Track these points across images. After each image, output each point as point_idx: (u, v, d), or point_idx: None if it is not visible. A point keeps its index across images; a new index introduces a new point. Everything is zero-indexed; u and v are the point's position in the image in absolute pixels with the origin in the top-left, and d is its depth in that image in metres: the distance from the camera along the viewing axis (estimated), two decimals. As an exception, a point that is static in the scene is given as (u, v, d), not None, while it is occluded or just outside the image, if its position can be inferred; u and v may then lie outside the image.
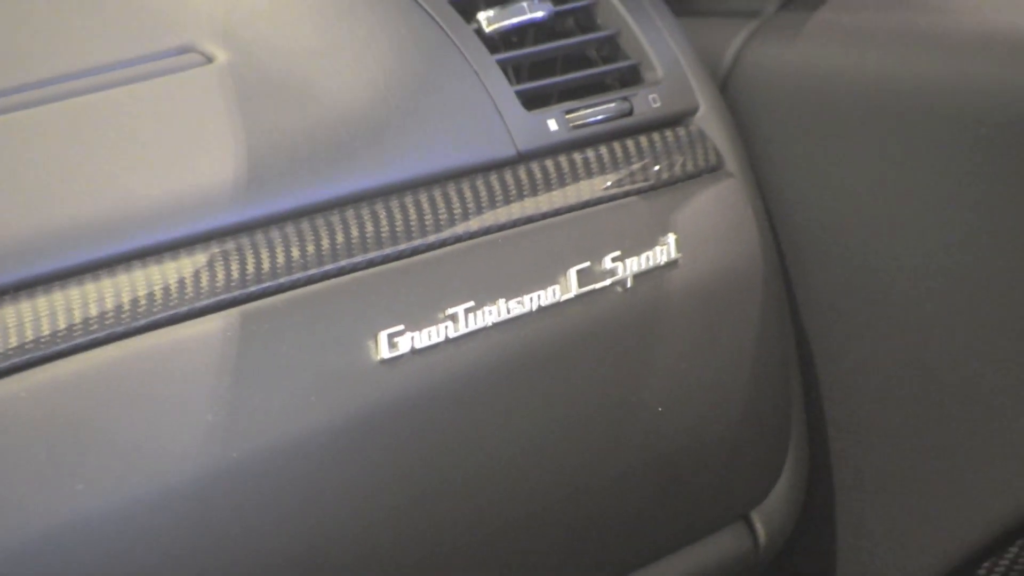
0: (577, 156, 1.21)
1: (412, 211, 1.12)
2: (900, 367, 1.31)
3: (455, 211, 1.14)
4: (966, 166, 1.25)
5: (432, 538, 1.11)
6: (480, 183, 1.16)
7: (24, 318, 0.98)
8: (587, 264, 1.17)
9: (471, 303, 1.11)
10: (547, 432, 1.16)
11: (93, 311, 1.00)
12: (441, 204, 1.13)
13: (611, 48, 1.27)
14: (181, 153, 1.07)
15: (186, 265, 1.03)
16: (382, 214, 1.11)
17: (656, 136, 1.25)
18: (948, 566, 1.31)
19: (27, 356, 0.97)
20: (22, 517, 0.96)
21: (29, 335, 0.98)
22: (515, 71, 1.23)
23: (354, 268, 1.09)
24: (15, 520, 0.95)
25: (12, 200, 1.00)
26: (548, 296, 1.15)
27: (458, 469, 1.12)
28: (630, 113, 1.24)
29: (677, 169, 1.24)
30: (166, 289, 1.02)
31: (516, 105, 1.19)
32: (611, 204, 1.20)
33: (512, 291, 1.14)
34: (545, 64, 1.25)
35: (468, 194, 1.15)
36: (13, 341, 0.97)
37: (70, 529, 0.97)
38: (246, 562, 1.04)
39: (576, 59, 1.27)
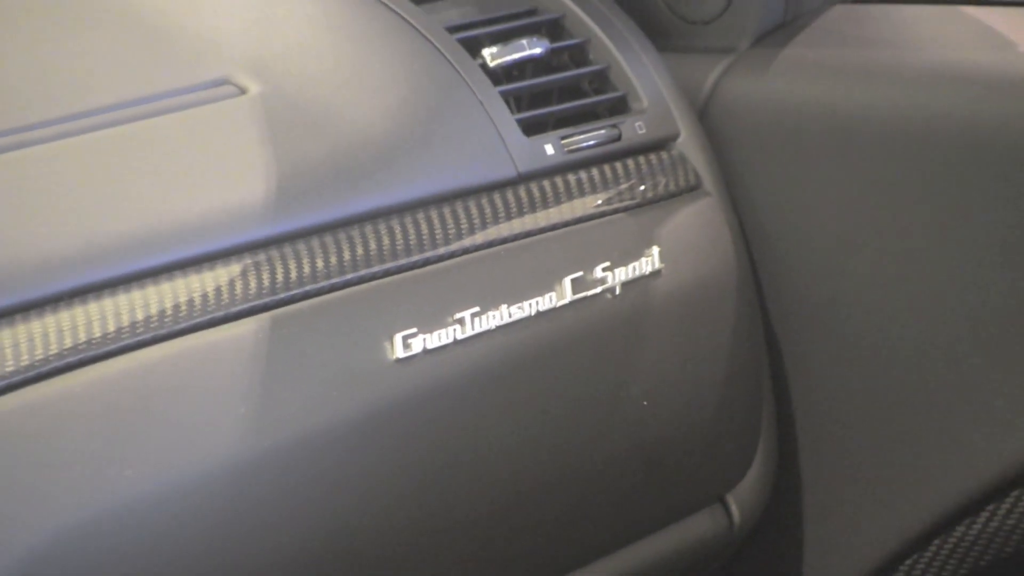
0: (571, 177, 1.21)
1: (424, 226, 1.12)
2: (858, 365, 1.31)
3: (462, 226, 1.14)
4: (917, 186, 1.26)
5: (442, 515, 1.12)
6: (485, 201, 1.16)
7: (78, 322, 0.98)
8: (580, 273, 1.17)
9: (477, 308, 1.12)
10: (544, 423, 1.17)
11: (139, 315, 1.00)
12: (450, 220, 1.14)
13: (602, 81, 1.28)
14: (218, 175, 1.07)
15: (222, 274, 1.04)
16: (397, 229, 1.11)
17: (642, 159, 1.25)
18: (903, 542, 1.32)
19: (81, 356, 0.98)
20: (78, 499, 0.97)
21: (82, 337, 0.98)
22: (516, 101, 1.23)
23: (372, 277, 1.09)
24: (72, 502, 0.96)
25: (66, 218, 1.00)
26: (545, 302, 1.15)
27: (464, 456, 1.13)
28: (618, 139, 1.24)
29: (660, 189, 1.25)
30: (204, 296, 1.03)
31: (517, 131, 1.20)
32: (601, 220, 1.21)
33: (513, 297, 1.14)
34: (542, 95, 1.26)
35: (474, 211, 1.15)
36: (68, 342, 0.98)
37: (120, 510, 0.98)
38: (277, 538, 1.04)
39: (570, 90, 1.27)
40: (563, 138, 1.22)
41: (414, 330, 1.09)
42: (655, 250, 1.21)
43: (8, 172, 1.02)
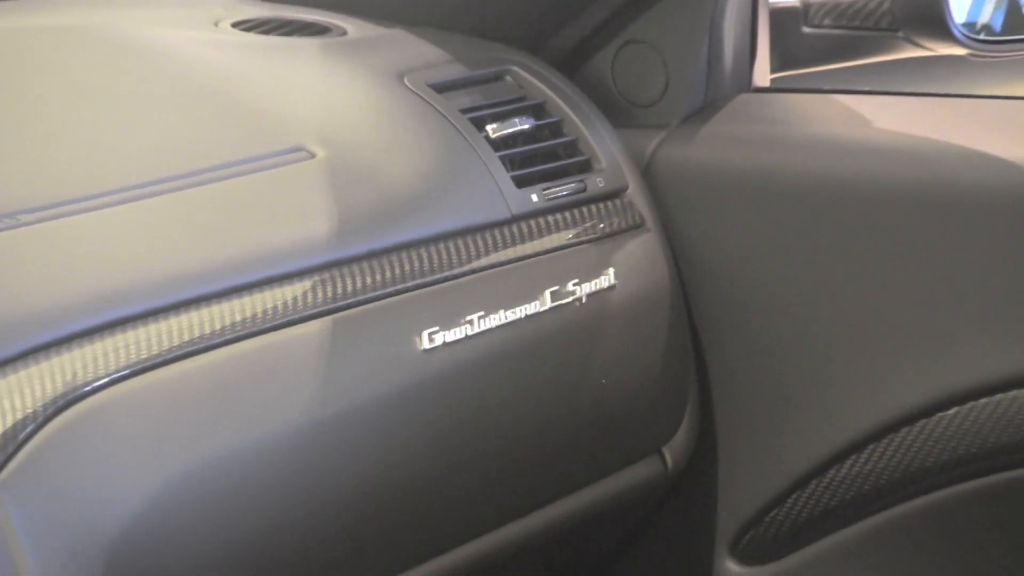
0: (550, 218, 1.23)
1: (444, 253, 1.14)
2: (758, 349, 1.34)
3: (471, 253, 1.16)
4: (799, 225, 1.30)
5: (453, 461, 1.15)
6: (487, 235, 1.18)
7: (193, 323, 1.01)
8: (557, 287, 1.19)
9: (482, 312, 1.14)
10: (529, 395, 1.19)
11: (237, 318, 1.03)
12: (462, 248, 1.16)
13: (572, 148, 1.30)
14: (294, 216, 1.10)
15: (297, 288, 1.06)
16: (424, 255, 1.13)
17: (601, 205, 1.27)
18: (791, 480, 1.34)
19: (194, 347, 1.01)
20: (192, 450, 1.00)
21: (196, 333, 1.00)
22: (510, 163, 1.25)
23: (406, 290, 1.11)
24: (189, 453, 0.99)
25: (179, 248, 1.03)
26: (532, 308, 1.17)
27: (471, 418, 1.15)
28: (584, 190, 1.26)
29: (615, 226, 1.26)
30: (284, 304, 1.05)
31: (511, 184, 1.22)
32: (572, 248, 1.23)
33: (509, 304, 1.16)
34: (529, 158, 1.27)
35: (480, 242, 1.17)
36: (186, 337, 1.00)
37: (221, 457, 1.01)
38: (335, 479, 1.07)
39: (549, 155, 1.29)
40: (544, 189, 1.24)
41: (436, 328, 1.11)
42: (611, 271, 1.23)
43: (136, 215, 1.04)
